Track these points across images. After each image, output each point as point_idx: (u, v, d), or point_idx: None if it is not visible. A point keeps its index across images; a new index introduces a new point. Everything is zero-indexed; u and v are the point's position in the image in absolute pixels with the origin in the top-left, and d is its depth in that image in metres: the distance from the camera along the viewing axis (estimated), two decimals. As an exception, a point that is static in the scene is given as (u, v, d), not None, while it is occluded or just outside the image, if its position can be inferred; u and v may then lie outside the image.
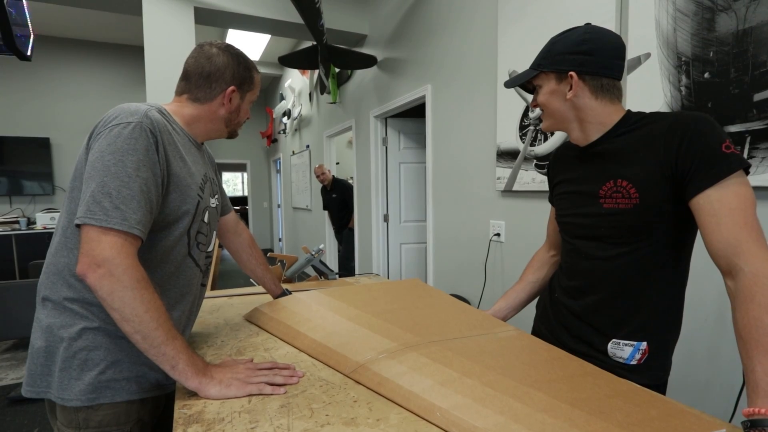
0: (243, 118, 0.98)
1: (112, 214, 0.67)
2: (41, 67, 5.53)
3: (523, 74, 0.87)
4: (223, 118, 0.93)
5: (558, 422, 0.58)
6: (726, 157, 0.68)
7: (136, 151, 0.71)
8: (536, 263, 1.10)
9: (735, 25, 1.12)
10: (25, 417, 2.31)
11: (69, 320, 0.77)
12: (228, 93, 0.91)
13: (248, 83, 0.94)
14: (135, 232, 0.69)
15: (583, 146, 0.86)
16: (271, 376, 0.77)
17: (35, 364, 0.78)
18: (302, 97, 5.75)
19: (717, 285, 1.19)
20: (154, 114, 0.77)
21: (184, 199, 0.82)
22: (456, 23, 2.43)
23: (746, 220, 0.66)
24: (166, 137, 0.79)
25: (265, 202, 8.49)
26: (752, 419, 0.54)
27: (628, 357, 0.81)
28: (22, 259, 4.81)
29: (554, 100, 0.84)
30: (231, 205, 1.20)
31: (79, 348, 0.76)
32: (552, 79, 0.83)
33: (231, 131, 0.98)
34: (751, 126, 1.10)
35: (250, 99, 0.97)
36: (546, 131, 0.88)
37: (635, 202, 0.76)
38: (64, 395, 0.76)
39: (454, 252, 2.57)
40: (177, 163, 0.81)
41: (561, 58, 0.81)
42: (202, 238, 0.90)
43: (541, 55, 0.85)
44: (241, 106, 0.95)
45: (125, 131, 0.72)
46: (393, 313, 1.03)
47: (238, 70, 0.92)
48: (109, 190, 0.68)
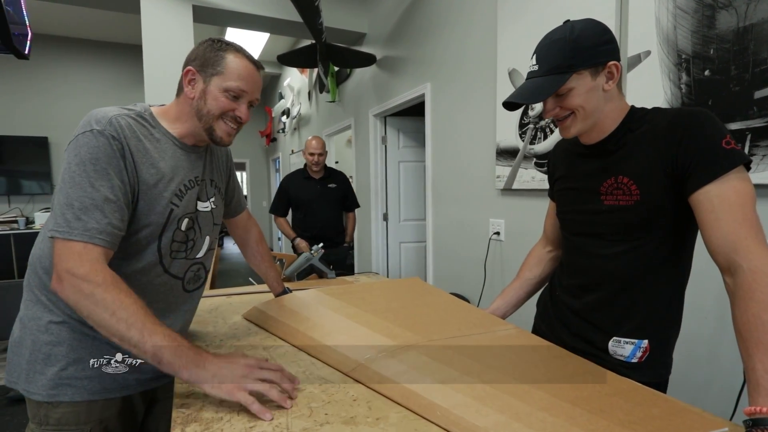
0: (214, 108, 0.82)
1: (74, 225, 0.68)
2: (39, 66, 5.51)
3: (549, 84, 0.76)
4: (194, 111, 0.83)
5: (559, 421, 0.58)
6: (726, 153, 0.67)
7: (99, 160, 0.71)
8: (533, 260, 1.09)
9: (735, 22, 1.12)
10: (24, 416, 2.29)
11: (38, 313, 0.78)
12: (185, 75, 0.82)
13: (214, 65, 0.81)
14: (96, 242, 0.69)
15: (588, 144, 0.85)
16: (269, 380, 0.68)
17: (11, 353, 0.80)
18: (301, 96, 5.74)
19: (717, 283, 1.18)
20: (121, 120, 0.75)
21: (151, 209, 0.79)
22: (455, 21, 2.42)
23: (746, 216, 0.65)
24: (134, 143, 0.76)
25: (264, 201, 8.48)
26: (754, 418, 0.54)
27: (629, 355, 0.80)
28: (20, 258, 4.79)
29: (593, 98, 0.77)
30: (245, 204, 1.19)
31: (44, 342, 0.77)
32: (586, 77, 0.76)
33: (206, 128, 0.83)
34: (752, 123, 1.10)
35: (220, 85, 0.81)
36: (570, 137, 0.84)
37: (636, 199, 0.76)
38: (29, 388, 0.77)
39: (453, 251, 2.56)
40: (146, 170, 0.78)
41: (595, 51, 0.75)
42: (179, 246, 0.85)
43: (565, 55, 0.75)
44: (206, 91, 0.81)
45: (89, 141, 0.71)
46: (393, 312, 1.03)
47: (201, 50, 0.82)
48: (72, 201, 0.69)
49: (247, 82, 0.83)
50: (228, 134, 0.86)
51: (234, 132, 0.87)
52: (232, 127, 0.86)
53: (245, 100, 0.85)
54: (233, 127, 0.86)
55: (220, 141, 0.85)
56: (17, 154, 5.38)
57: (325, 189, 2.82)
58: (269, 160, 8.22)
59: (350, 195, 2.95)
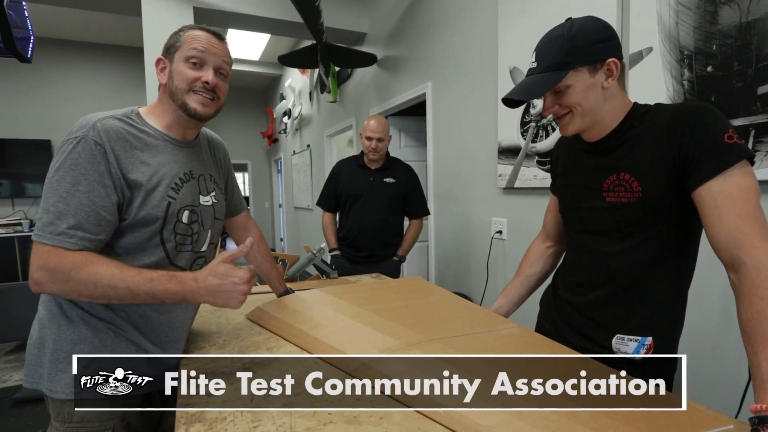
0: (181, 82, 0.83)
1: (47, 229, 0.72)
2: (42, 69, 5.53)
3: (546, 80, 0.77)
4: (168, 95, 0.85)
5: (562, 419, 0.58)
6: (728, 148, 0.66)
7: (78, 166, 0.74)
8: (532, 255, 1.08)
9: (738, 18, 1.11)
10: (30, 418, 2.31)
11: (58, 311, 0.80)
12: (156, 65, 0.88)
13: (174, 44, 0.86)
14: (65, 245, 0.72)
15: (590, 141, 0.84)
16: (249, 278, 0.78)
17: (31, 354, 0.81)
18: (302, 97, 5.75)
19: (721, 279, 1.18)
20: (104, 123, 0.77)
21: (148, 204, 0.81)
22: (456, 20, 2.41)
23: (749, 211, 0.65)
24: (120, 144, 0.78)
25: (266, 202, 8.50)
26: (759, 416, 0.53)
27: (633, 352, 0.80)
28: (24, 260, 4.81)
29: (591, 95, 0.77)
30: (244, 205, 1.19)
31: (66, 340, 0.79)
32: (584, 74, 0.75)
33: (180, 104, 0.84)
34: (755, 119, 1.09)
35: (180, 58, 0.84)
36: (569, 135, 0.84)
37: (638, 196, 0.75)
38: (52, 387, 0.78)
39: (456, 250, 2.56)
40: (136, 168, 0.80)
41: (593, 48, 0.75)
42: (183, 239, 0.88)
43: (562, 53, 0.75)
44: (173, 70, 0.84)
45: (70, 147, 0.75)
46: (395, 311, 1.03)
47: (167, 41, 0.88)
48: (48, 206, 0.73)
49: (204, 45, 0.85)
50: (202, 104, 0.85)
51: (208, 102, 0.86)
52: (205, 97, 0.85)
53: (209, 67, 0.85)
54: (206, 97, 0.85)
55: (195, 113, 0.85)
56: (21, 157, 5.41)
57: (380, 183, 2.11)
58: (271, 161, 8.23)
59: (414, 196, 2.17)
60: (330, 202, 2.21)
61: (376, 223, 2.10)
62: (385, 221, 2.12)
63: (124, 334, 0.82)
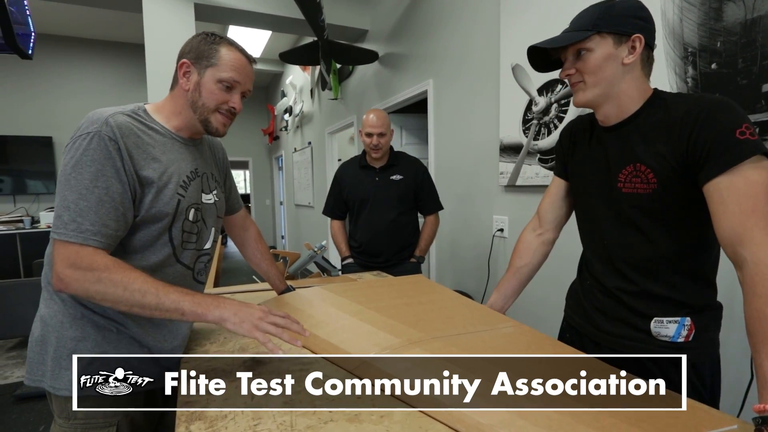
0: (209, 101, 0.84)
1: (70, 227, 0.71)
2: (43, 66, 5.53)
3: (571, 35, 0.78)
4: (189, 103, 0.85)
5: (565, 418, 0.57)
6: (738, 144, 0.65)
7: (94, 162, 0.73)
8: (522, 247, 1.07)
9: (743, 15, 1.10)
10: (31, 414, 2.32)
11: (60, 309, 0.79)
12: (180, 67, 0.84)
13: (208, 57, 0.83)
14: (90, 243, 0.72)
15: (606, 126, 0.83)
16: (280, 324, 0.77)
17: (33, 352, 0.81)
18: (303, 94, 5.74)
19: (723, 276, 1.17)
20: (116, 119, 0.76)
21: (159, 201, 0.81)
22: (458, 17, 2.40)
23: (756, 206, 0.64)
24: (132, 140, 0.78)
25: (267, 199, 8.50)
26: (763, 416, 0.53)
27: (674, 334, 0.78)
28: (26, 257, 4.83)
29: (609, 66, 0.76)
30: (241, 203, 1.19)
31: (70, 338, 0.78)
32: (609, 42, 0.75)
33: (202, 119, 0.85)
34: (760, 117, 1.08)
35: (213, 76, 0.83)
36: (579, 106, 0.84)
37: (654, 188, 0.75)
38: (56, 384, 0.78)
39: (457, 248, 2.56)
40: (148, 165, 0.80)
41: (624, 21, 0.75)
42: (188, 236, 0.88)
43: (593, 17, 0.77)
44: (201, 83, 0.84)
45: (84, 143, 0.73)
46: (396, 309, 1.02)
47: (195, 43, 0.85)
48: (68, 203, 0.72)
49: (240, 73, 0.86)
50: (223, 125, 0.89)
51: (229, 123, 0.90)
52: (227, 118, 0.89)
53: (238, 91, 0.87)
54: (228, 118, 0.89)
55: (216, 132, 0.88)
56: (22, 154, 5.41)
57: (387, 182, 1.94)
58: (272, 159, 8.23)
59: (426, 191, 2.00)
60: (336, 208, 2.07)
61: (389, 225, 1.94)
62: (398, 222, 1.95)
63: (127, 331, 0.82)
